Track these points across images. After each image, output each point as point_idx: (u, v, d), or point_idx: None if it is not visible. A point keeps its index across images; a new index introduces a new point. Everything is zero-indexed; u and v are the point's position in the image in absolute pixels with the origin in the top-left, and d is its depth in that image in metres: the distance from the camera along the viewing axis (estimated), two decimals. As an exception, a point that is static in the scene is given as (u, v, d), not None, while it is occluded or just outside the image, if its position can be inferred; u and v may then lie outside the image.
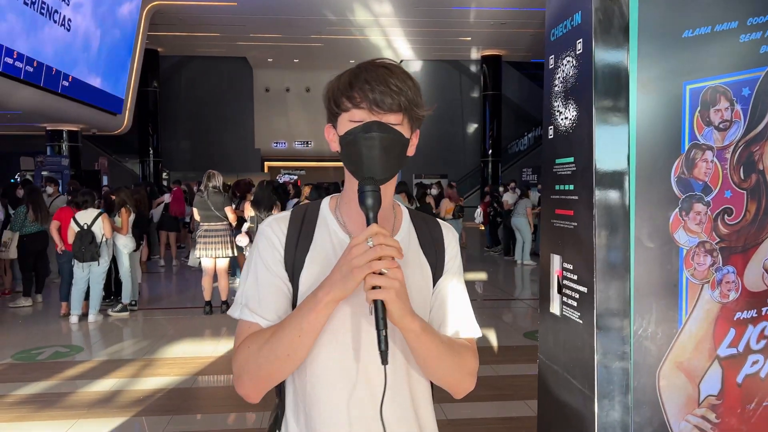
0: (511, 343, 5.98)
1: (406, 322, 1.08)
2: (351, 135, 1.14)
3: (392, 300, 1.04)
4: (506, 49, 21.63)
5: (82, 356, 5.64)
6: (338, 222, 1.24)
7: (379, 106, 1.13)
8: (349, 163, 1.18)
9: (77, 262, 6.84)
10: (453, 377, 1.22)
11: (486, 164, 21.93)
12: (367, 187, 1.11)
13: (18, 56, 10.39)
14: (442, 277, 1.27)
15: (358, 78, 1.15)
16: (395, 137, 1.15)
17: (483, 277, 10.29)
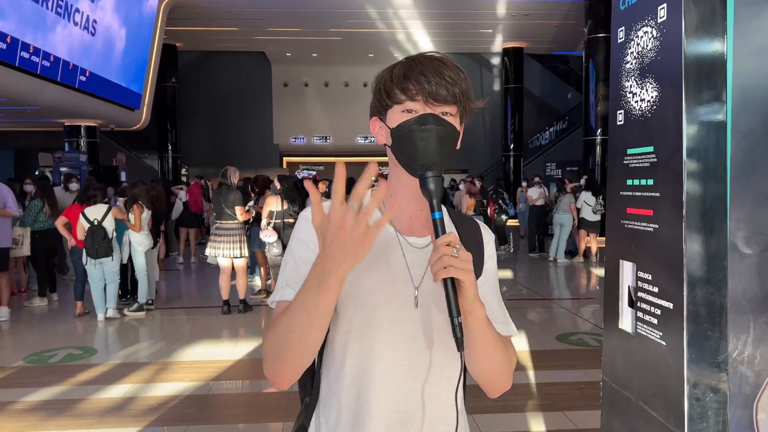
0: (544, 347, 5.65)
1: (476, 306, 1.06)
2: (406, 127, 1.13)
3: (470, 280, 1.03)
4: (529, 41, 21.18)
5: (95, 359, 5.43)
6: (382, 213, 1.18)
7: (435, 98, 1.12)
8: (402, 155, 1.15)
9: (89, 260, 6.64)
10: (500, 373, 1.19)
11: (507, 159, 21.51)
12: (429, 173, 1.09)
13: (34, 51, 10.24)
14: (481, 276, 1.24)
15: (413, 70, 1.14)
16: (450, 130, 1.14)
17: (510, 275, 9.96)
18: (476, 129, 24.52)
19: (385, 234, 1.19)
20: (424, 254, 1.17)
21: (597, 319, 6.64)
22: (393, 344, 1.15)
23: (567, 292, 8.86)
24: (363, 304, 1.16)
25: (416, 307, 1.13)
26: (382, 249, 1.16)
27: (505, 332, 1.24)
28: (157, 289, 8.29)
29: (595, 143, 14.74)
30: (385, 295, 1.15)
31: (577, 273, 10.22)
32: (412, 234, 1.20)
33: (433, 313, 1.16)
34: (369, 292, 1.16)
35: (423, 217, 1.20)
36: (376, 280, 1.16)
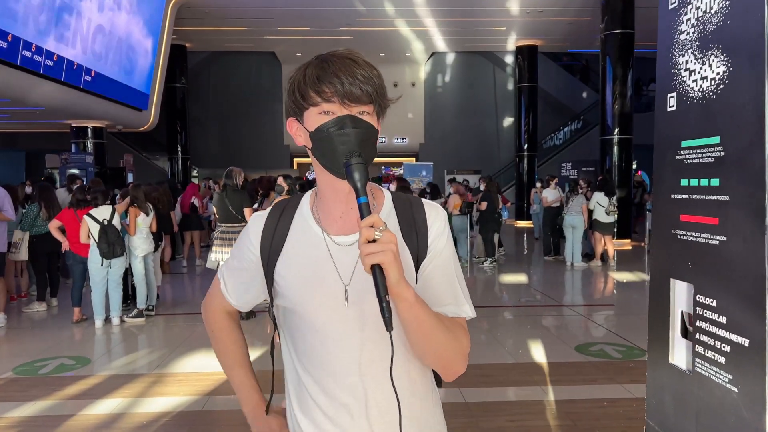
0: (563, 359, 5.30)
1: (402, 288, 1.07)
2: (324, 131, 1.14)
3: (390, 262, 1.04)
4: (542, 39, 20.77)
5: (87, 370, 5.15)
6: (313, 216, 1.26)
7: (350, 98, 1.13)
8: (322, 158, 1.17)
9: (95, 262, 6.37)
10: (445, 356, 1.19)
11: (521, 159, 21.09)
12: (353, 160, 1.11)
13: (37, 50, 10.03)
14: (426, 258, 1.23)
15: (326, 71, 1.14)
16: (368, 129, 1.15)
17: (525, 279, 9.59)
18: (489, 129, 24.14)
19: (314, 236, 1.23)
20: (353, 251, 1.19)
21: (618, 328, 6.27)
22: (332, 343, 1.19)
23: (584, 298, 8.48)
24: (297, 306, 1.21)
25: (347, 305, 1.18)
26: (311, 252, 1.21)
27: (454, 314, 1.22)
28: (159, 294, 8.02)
29: (612, 143, 14.31)
30: (315, 296, 1.20)
31: (594, 277, 9.83)
32: (342, 233, 1.22)
33: (368, 306, 1.16)
34: (300, 294, 1.21)
35: (354, 215, 1.20)
36: (306, 283, 1.21)
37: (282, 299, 1.24)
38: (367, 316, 1.17)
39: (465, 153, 23.35)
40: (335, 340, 1.20)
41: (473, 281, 9.80)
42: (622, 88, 14.22)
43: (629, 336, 5.98)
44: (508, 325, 6.60)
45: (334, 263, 1.20)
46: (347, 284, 1.19)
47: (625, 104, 14.25)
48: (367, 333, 1.19)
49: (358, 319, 1.19)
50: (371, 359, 1.19)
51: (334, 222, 1.23)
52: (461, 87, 24.13)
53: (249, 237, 1.29)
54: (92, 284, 6.45)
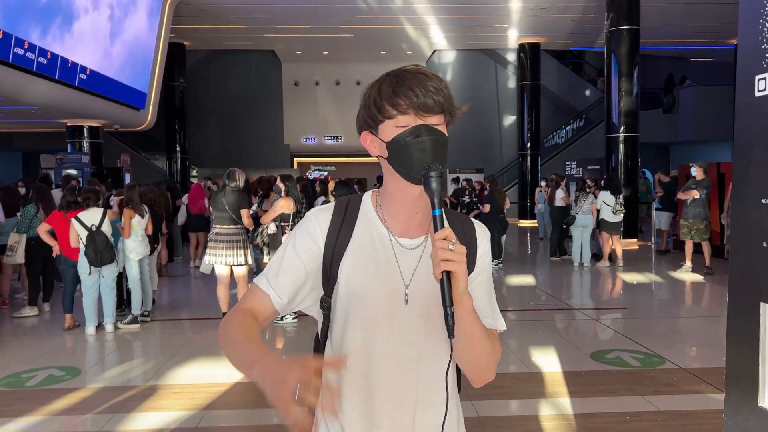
0: (579, 367, 5.03)
1: (465, 298, 1.15)
2: (401, 140, 1.22)
3: (462, 272, 1.12)
4: (545, 37, 20.51)
5: (77, 381, 4.88)
6: (379, 217, 1.31)
7: (424, 109, 1.21)
8: (400, 165, 1.23)
9: (85, 268, 6.11)
10: (483, 364, 1.28)
11: (524, 158, 20.83)
12: (433, 173, 1.18)
13: (29, 46, 9.76)
14: (473, 272, 1.31)
15: (401, 85, 1.21)
16: (441, 137, 1.24)
17: (532, 281, 9.33)
18: (491, 127, 23.86)
19: (380, 236, 1.29)
20: (414, 254, 1.27)
21: (634, 333, 6.00)
22: (386, 338, 1.25)
23: (595, 301, 8.21)
24: (357, 302, 1.26)
25: (406, 304, 1.25)
26: (376, 251, 1.28)
27: (492, 326, 1.32)
28: (155, 298, 7.76)
29: (618, 141, 14.04)
30: (377, 293, 1.25)
31: (603, 279, 9.57)
32: (406, 236, 1.29)
33: (423, 308, 1.24)
34: (363, 291, 1.26)
35: (417, 219, 1.29)
36: (370, 280, 1.26)
37: (345, 294, 1.27)
38: (423, 316, 1.24)
39: (467, 152, 23.05)
40: (389, 337, 1.26)
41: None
42: (628, 85, 13.95)
43: (646, 342, 5.71)
44: (518, 331, 6.33)
45: (398, 263, 1.27)
46: (407, 284, 1.26)
47: (631, 101, 13.99)
48: (420, 333, 1.26)
49: (414, 318, 1.26)
50: (420, 358, 1.26)
51: (398, 224, 1.30)
52: (463, 85, 23.84)
53: (315, 228, 1.31)
54: (83, 290, 6.19)
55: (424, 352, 1.26)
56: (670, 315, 7.27)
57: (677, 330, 6.42)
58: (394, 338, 1.26)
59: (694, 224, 9.44)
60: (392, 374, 1.26)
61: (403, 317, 1.25)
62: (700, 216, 9.43)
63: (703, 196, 9.40)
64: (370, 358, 1.26)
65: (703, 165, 9.63)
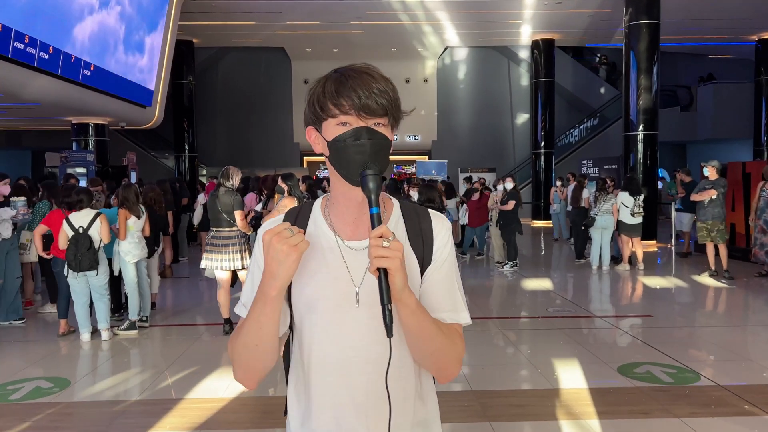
0: (605, 383, 4.63)
1: (405, 295, 1.15)
2: (341, 141, 1.22)
3: (397, 268, 1.11)
4: (560, 33, 20.05)
5: (64, 395, 4.54)
6: (326, 221, 1.31)
7: (366, 111, 1.20)
8: (339, 167, 1.24)
9: (71, 273, 5.80)
10: (442, 360, 1.27)
11: (538, 157, 20.38)
12: (369, 171, 1.19)
13: (30, 41, 9.47)
14: (430, 265, 1.30)
15: (344, 85, 1.20)
16: (382, 141, 1.23)
17: (548, 285, 8.92)
18: (503, 126, 23.44)
19: (327, 240, 1.30)
20: (362, 255, 1.25)
21: (662, 344, 5.59)
22: (340, 342, 1.25)
23: (618, 308, 7.79)
24: (309, 308, 1.27)
25: (357, 305, 1.24)
26: (324, 255, 1.28)
27: (452, 320, 1.30)
28: (156, 302, 7.44)
29: (636, 139, 13.58)
30: (328, 297, 1.25)
31: (624, 283, 9.15)
32: (354, 238, 1.29)
33: (377, 308, 1.17)
34: (314, 296, 1.26)
35: (365, 221, 1.27)
36: (319, 285, 1.26)
37: (297, 302, 1.28)
38: (376, 317, 1.18)
39: (479, 150, 22.67)
40: (344, 341, 1.25)
41: (492, 286, 9.15)
42: (647, 82, 13.48)
43: (676, 354, 5.30)
44: (537, 341, 5.94)
45: (347, 266, 1.26)
46: (358, 286, 1.25)
47: (650, 99, 13.52)
48: (374, 334, 1.23)
49: (367, 319, 1.23)
50: (378, 360, 1.23)
51: (346, 227, 1.29)
52: (475, 83, 23.45)
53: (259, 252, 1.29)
54: (73, 295, 5.87)
55: (381, 354, 1.22)
56: (697, 323, 6.84)
57: (707, 340, 6.00)
58: (349, 342, 1.25)
59: (713, 225, 9.01)
60: (349, 380, 1.25)
61: (355, 320, 1.24)
62: (719, 217, 9.01)
63: (721, 196, 9.00)
64: (331, 364, 1.25)
65: (716, 164, 9.22)
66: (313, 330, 1.26)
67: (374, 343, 1.23)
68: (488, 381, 4.72)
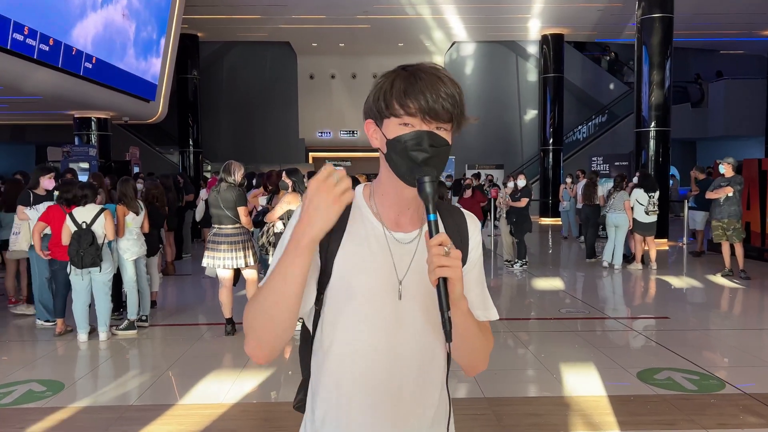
0: (625, 390, 4.40)
1: (462, 301, 1.17)
2: (402, 142, 1.20)
3: (458, 277, 1.13)
4: (569, 28, 19.75)
5: (57, 399, 4.33)
6: (372, 210, 1.29)
7: (432, 116, 1.18)
8: (395, 166, 1.22)
9: (74, 269, 5.60)
10: (477, 357, 1.31)
11: (546, 153, 20.10)
12: (427, 178, 1.17)
13: (30, 32, 9.26)
14: (466, 264, 1.30)
15: (413, 86, 1.18)
16: (443, 149, 1.21)
17: (560, 285, 8.68)
18: (511, 122, 23.17)
19: (374, 229, 1.27)
20: (409, 249, 1.27)
21: (682, 348, 5.35)
22: (377, 333, 1.24)
23: (633, 309, 7.54)
24: (350, 294, 1.24)
25: (400, 299, 1.24)
26: (370, 244, 1.25)
27: (485, 317, 1.34)
28: (156, 301, 7.24)
29: (648, 136, 13.29)
30: (371, 286, 1.23)
31: (638, 283, 8.90)
32: (399, 230, 1.28)
33: (416, 303, 1.24)
34: (356, 285, 1.23)
35: (409, 214, 1.28)
36: (363, 274, 1.24)
37: (340, 288, 1.24)
38: (416, 311, 1.23)
39: (486, 147, 22.39)
40: (382, 333, 1.24)
41: (501, 285, 8.92)
42: (659, 77, 13.18)
43: (697, 359, 5.07)
44: (550, 344, 5.70)
45: (392, 257, 1.25)
46: (401, 279, 1.24)
47: (662, 95, 13.23)
48: (414, 329, 1.25)
49: (407, 312, 1.24)
50: (415, 354, 1.25)
51: (391, 218, 1.29)
52: (482, 78, 23.16)
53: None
54: (73, 293, 5.66)
55: (419, 348, 1.26)
56: (716, 326, 6.59)
57: (728, 344, 5.76)
58: (388, 334, 1.24)
59: (729, 224, 8.76)
60: (381, 371, 1.24)
61: (395, 312, 1.24)
62: (735, 215, 8.75)
63: (737, 194, 8.74)
64: (364, 355, 1.24)
65: (732, 161, 8.96)
66: (351, 318, 1.24)
67: (411, 338, 1.24)
68: (501, 387, 4.50)
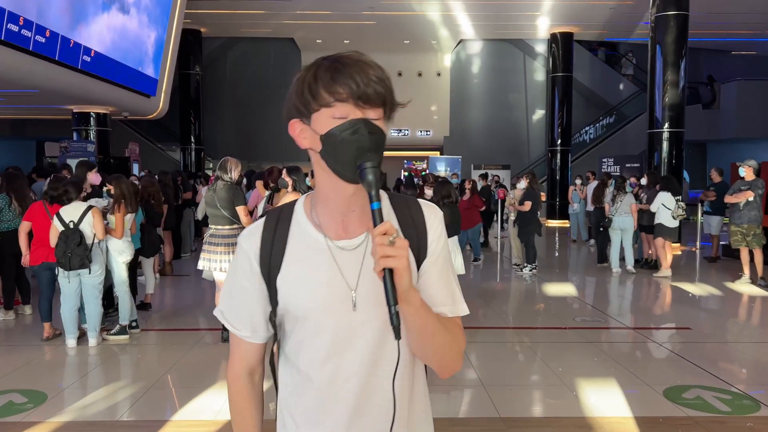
0: (652, 411, 4.05)
1: (411, 294, 1.09)
2: (338, 135, 1.12)
3: (404, 267, 1.06)
4: (579, 26, 19.37)
5: (38, 412, 4.00)
6: (312, 222, 1.23)
7: (365, 100, 1.12)
8: (334, 161, 1.14)
9: (62, 272, 5.28)
10: (445, 356, 1.23)
11: (554, 154, 19.73)
12: (368, 163, 1.10)
13: (25, 23, 8.95)
14: (426, 258, 1.24)
15: (340, 72, 1.12)
16: (381, 135, 1.15)
17: (572, 291, 8.33)
18: (518, 122, 22.81)
19: (315, 242, 1.20)
20: (356, 254, 1.19)
21: (710, 364, 5.00)
22: (338, 348, 1.18)
23: (651, 318, 7.18)
24: (304, 316, 1.19)
25: (354, 310, 1.18)
26: (314, 259, 1.19)
27: (452, 313, 1.24)
28: (152, 303, 6.92)
29: (661, 137, 12.92)
30: (322, 303, 1.18)
31: (653, 290, 8.54)
32: (345, 236, 1.20)
33: (375, 310, 1.16)
34: (307, 303, 1.18)
35: (356, 216, 1.20)
36: (312, 291, 1.18)
37: (288, 309, 1.21)
38: (374, 320, 1.17)
39: (492, 147, 22.04)
40: (343, 344, 1.18)
41: (510, 290, 8.58)
42: (674, 77, 12.81)
43: (726, 375, 4.73)
44: (566, 356, 5.36)
45: (339, 268, 1.18)
46: (354, 289, 1.18)
47: (676, 95, 12.86)
48: (374, 337, 1.19)
49: (365, 323, 1.18)
50: (376, 362, 1.19)
51: (336, 226, 1.21)
52: (489, 77, 22.81)
53: (246, 255, 1.24)
54: (62, 296, 5.34)
55: (381, 356, 1.19)
56: (742, 338, 6.24)
57: (756, 359, 5.42)
58: (347, 347, 1.18)
59: (749, 229, 8.42)
60: (346, 382, 1.19)
61: (353, 324, 1.18)
62: (756, 220, 8.41)
63: (758, 198, 8.40)
64: (327, 371, 1.19)
65: (753, 164, 8.62)
66: (307, 339, 1.20)
67: (374, 346, 1.18)
68: (517, 405, 4.17)
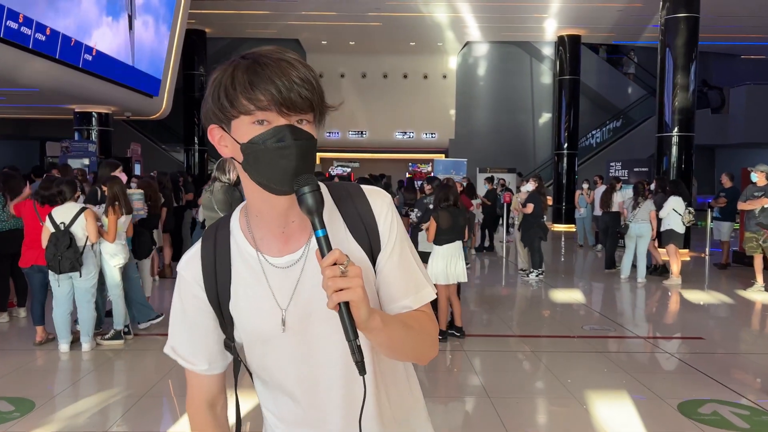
0: (668, 428, 3.86)
1: (372, 321, 0.99)
2: (260, 144, 1.00)
3: (360, 298, 0.96)
4: (586, 29, 19.18)
5: (25, 422, 3.83)
6: (247, 238, 1.12)
7: (289, 107, 0.99)
8: (258, 174, 1.03)
9: (52, 275, 5.12)
10: (418, 351, 1.15)
11: (560, 158, 19.52)
12: (306, 188, 0.99)
13: (25, 20, 8.82)
14: (381, 251, 1.13)
15: (260, 75, 0.98)
16: (310, 142, 1.02)
17: (580, 298, 8.13)
18: (525, 125, 22.63)
19: (250, 259, 1.12)
20: (291, 273, 1.10)
21: (725, 376, 4.80)
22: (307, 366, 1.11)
23: (663, 327, 6.98)
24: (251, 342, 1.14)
25: (284, 332, 1.09)
26: (248, 278, 1.12)
27: (417, 304, 1.15)
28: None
29: (671, 141, 12.72)
30: (263, 326, 1.11)
31: (663, 298, 8.34)
32: (285, 252, 1.10)
33: (309, 333, 1.09)
34: (250, 328, 1.12)
35: (296, 225, 1.09)
36: (246, 312, 1.12)
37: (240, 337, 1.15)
38: (309, 342, 1.09)
39: (498, 150, 21.87)
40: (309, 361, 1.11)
41: (516, 296, 8.39)
42: (684, 80, 12.61)
43: (742, 389, 4.52)
44: (575, 367, 5.16)
45: (270, 287, 1.10)
46: (285, 309, 1.09)
47: (686, 98, 12.65)
48: (312, 361, 1.11)
49: (298, 346, 1.10)
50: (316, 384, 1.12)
51: (274, 240, 1.10)
52: (495, 80, 22.64)
53: (188, 285, 1.15)
54: (54, 300, 5.18)
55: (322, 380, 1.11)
56: (757, 349, 6.02)
57: (772, 370, 5.21)
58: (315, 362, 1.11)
59: (765, 236, 8.21)
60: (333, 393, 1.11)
61: (285, 348, 1.10)
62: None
63: None
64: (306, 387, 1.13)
65: (765, 169, 8.41)
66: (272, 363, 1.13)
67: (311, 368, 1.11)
68: (526, 419, 3.98)
